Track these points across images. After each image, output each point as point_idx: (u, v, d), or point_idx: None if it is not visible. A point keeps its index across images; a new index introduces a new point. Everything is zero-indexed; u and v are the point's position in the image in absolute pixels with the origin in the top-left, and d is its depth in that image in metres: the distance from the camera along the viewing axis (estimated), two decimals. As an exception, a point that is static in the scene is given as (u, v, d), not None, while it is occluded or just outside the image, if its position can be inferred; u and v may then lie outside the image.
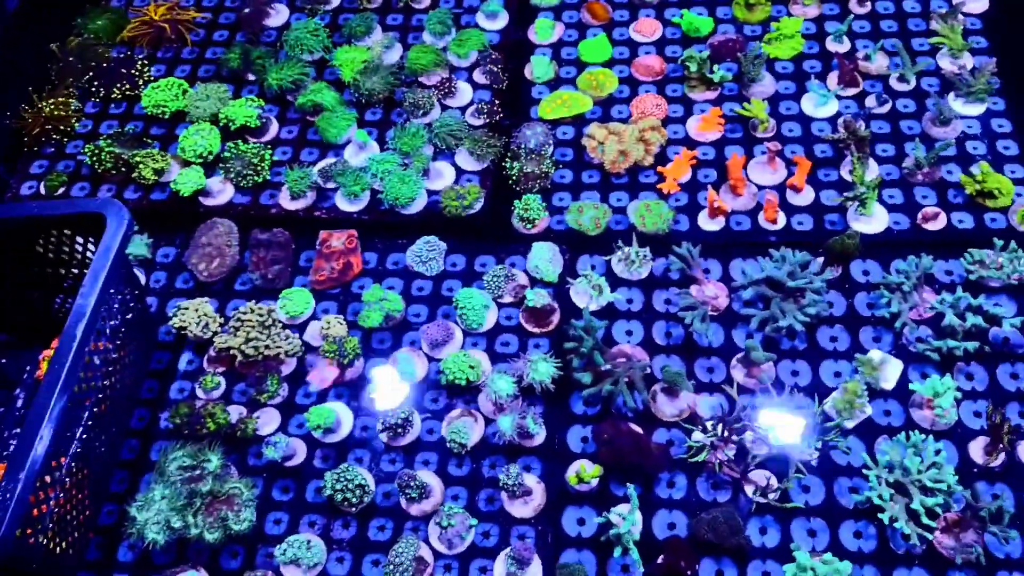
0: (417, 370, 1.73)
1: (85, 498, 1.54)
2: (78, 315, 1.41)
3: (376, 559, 1.55)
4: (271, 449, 1.60)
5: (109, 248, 1.49)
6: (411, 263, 1.87)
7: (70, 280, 1.75)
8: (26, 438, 1.27)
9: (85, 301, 1.42)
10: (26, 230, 1.69)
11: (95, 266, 1.46)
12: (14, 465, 1.25)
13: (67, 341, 1.38)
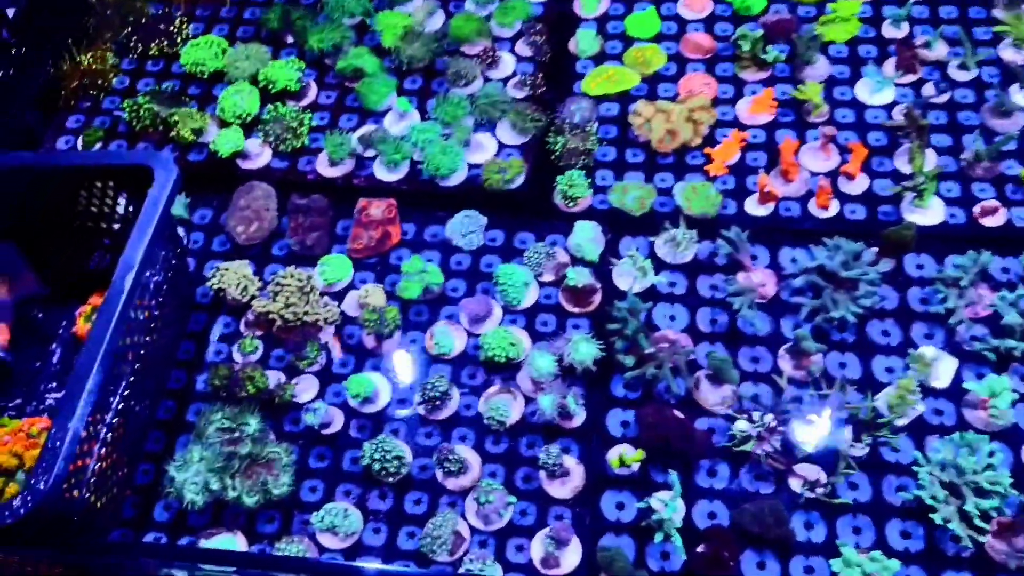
0: (455, 344, 1.71)
1: (123, 455, 1.53)
2: (126, 267, 1.39)
3: (412, 531, 1.54)
4: (310, 415, 1.59)
5: (157, 201, 1.46)
6: (450, 236, 1.84)
7: (109, 237, 1.73)
8: (74, 389, 1.26)
9: (133, 254, 1.40)
10: (68, 181, 1.67)
11: (143, 219, 1.44)
12: (63, 416, 1.24)
13: (114, 294, 1.36)
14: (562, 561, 1.48)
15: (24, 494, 1.17)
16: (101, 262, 1.78)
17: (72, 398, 1.24)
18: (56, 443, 1.21)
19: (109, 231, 1.74)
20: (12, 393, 1.69)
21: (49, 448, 1.21)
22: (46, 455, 1.20)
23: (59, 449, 1.21)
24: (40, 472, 1.19)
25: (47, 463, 1.20)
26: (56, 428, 1.22)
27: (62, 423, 1.22)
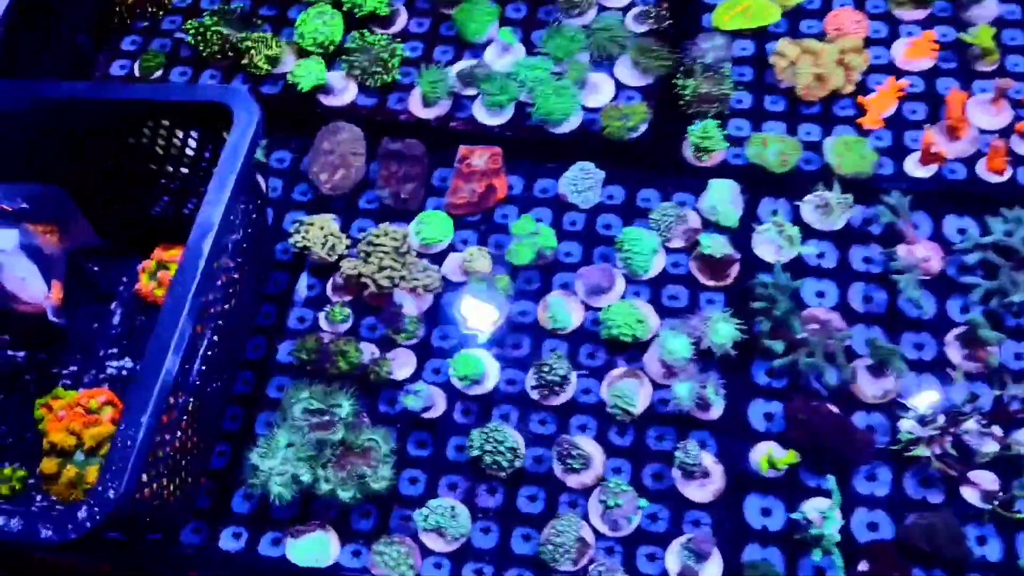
0: (572, 318, 1.49)
1: (198, 437, 1.34)
2: (204, 227, 1.17)
3: (527, 533, 1.35)
4: (410, 398, 1.38)
5: (238, 149, 1.24)
6: (564, 192, 1.61)
7: (177, 182, 1.51)
8: (147, 377, 1.06)
9: (212, 211, 1.18)
10: (128, 117, 1.45)
11: (223, 169, 1.21)
12: (134, 408, 1.04)
13: (192, 258, 1.15)
14: (701, 575, 1.29)
15: (90, 503, 0.98)
16: (165, 210, 1.56)
17: (145, 388, 1.04)
18: (126, 441, 1.01)
19: (175, 175, 1.52)
20: (67, 359, 1.50)
21: (119, 447, 1.01)
22: (116, 456, 1.00)
23: (130, 449, 1.01)
24: (109, 477, 0.99)
25: (117, 466, 1.00)
26: (126, 423, 1.02)
27: (133, 417, 1.02)
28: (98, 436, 1.37)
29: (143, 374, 1.05)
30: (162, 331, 1.08)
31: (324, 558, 1.32)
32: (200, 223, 1.16)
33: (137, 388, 1.04)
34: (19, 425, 1.44)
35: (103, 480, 0.98)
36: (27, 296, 1.34)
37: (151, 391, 1.04)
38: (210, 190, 1.19)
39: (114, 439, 1.01)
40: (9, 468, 1.39)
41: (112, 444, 1.00)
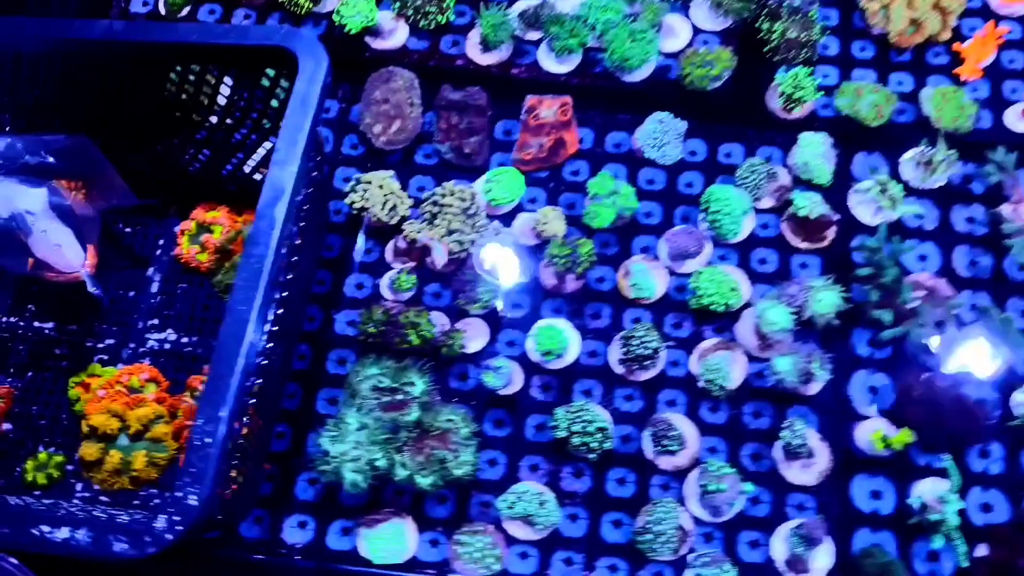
0: (656, 286, 1.37)
1: (261, 420, 1.22)
2: (276, 191, 1.03)
3: (617, 519, 1.25)
4: (490, 376, 1.27)
5: (308, 101, 1.09)
6: (641, 146, 1.47)
7: (220, 132, 1.35)
8: (224, 364, 0.92)
9: (283, 172, 1.03)
10: (166, 61, 1.28)
11: (292, 125, 1.07)
12: (210, 401, 0.91)
13: (265, 228, 1.01)
14: (811, 564, 1.20)
15: (168, 511, 0.85)
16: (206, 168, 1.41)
17: (221, 378, 0.91)
18: (205, 438, 0.88)
19: (215, 127, 1.36)
20: (102, 332, 1.36)
21: (198, 446, 0.88)
22: (195, 457, 0.87)
23: (211, 448, 0.88)
24: (189, 480, 0.87)
25: (197, 468, 0.87)
26: (203, 417, 0.89)
27: (211, 411, 0.89)
28: (143, 418, 1.24)
29: (219, 361, 0.91)
30: (237, 312, 0.94)
31: (401, 550, 1.21)
32: (272, 186, 1.01)
33: (214, 378, 0.91)
34: (52, 405, 1.31)
35: (182, 484, 0.86)
36: (63, 264, 1.19)
37: (228, 381, 0.91)
38: (279, 148, 1.04)
39: (191, 437, 0.88)
40: (44, 453, 1.26)
41: (189, 444, 0.88)
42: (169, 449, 1.25)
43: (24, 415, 1.30)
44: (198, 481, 0.86)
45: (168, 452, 1.24)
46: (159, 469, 1.24)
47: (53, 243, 1.17)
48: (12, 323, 1.36)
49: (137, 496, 1.24)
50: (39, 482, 1.23)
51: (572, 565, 1.22)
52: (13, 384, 1.32)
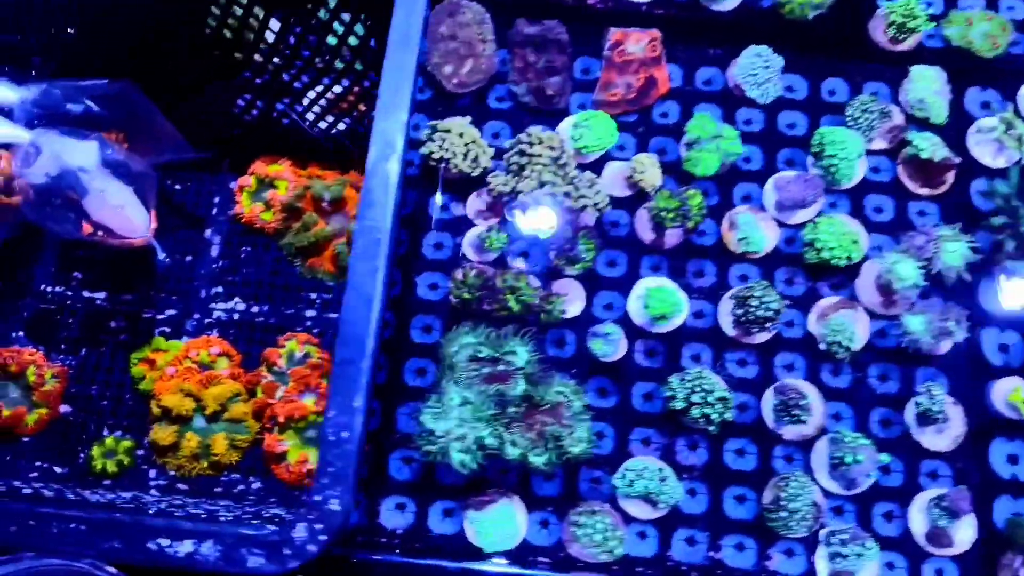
0: (766, 239, 1.26)
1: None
2: (386, 144, 0.89)
3: (740, 494, 1.16)
4: (599, 343, 1.16)
5: (410, 38, 0.94)
6: (740, 84, 1.34)
7: (267, 73, 1.20)
8: (352, 346, 0.80)
9: (392, 123, 0.90)
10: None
11: (394, 64, 0.92)
12: (343, 387, 0.79)
13: (379, 187, 0.87)
14: (954, 537, 1.13)
15: (308, 519, 0.74)
16: (264, 117, 1.26)
17: (351, 363, 0.79)
18: (341, 434, 0.77)
19: (265, 66, 1.22)
20: (162, 301, 1.22)
21: (334, 442, 0.76)
22: (332, 456, 0.76)
23: (349, 445, 0.77)
24: (328, 483, 0.75)
25: (336, 469, 0.76)
26: (336, 408, 0.78)
27: (344, 401, 0.78)
28: (220, 397, 1.13)
29: (345, 344, 0.79)
30: (361, 287, 0.82)
31: (513, 534, 1.12)
32: (381, 138, 0.88)
33: (342, 364, 0.79)
34: (113, 384, 1.18)
35: (321, 487, 0.75)
36: (127, 228, 1.05)
37: (360, 365, 0.79)
38: (384, 94, 0.90)
39: (323, 432, 0.77)
40: (111, 438, 1.14)
41: (322, 440, 0.76)
42: (250, 430, 1.13)
43: (82, 396, 1.18)
44: (339, 482, 0.75)
45: (249, 434, 1.13)
46: (240, 452, 1.13)
47: (114, 204, 1.03)
48: (58, 293, 1.23)
49: (218, 482, 1.13)
50: (109, 470, 1.11)
51: (695, 544, 1.14)
52: (66, 362, 1.19)
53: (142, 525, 0.74)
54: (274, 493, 1.12)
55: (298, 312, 1.21)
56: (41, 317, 1.22)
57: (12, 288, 1.22)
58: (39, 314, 1.22)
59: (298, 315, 1.21)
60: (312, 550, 0.73)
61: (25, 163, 1.08)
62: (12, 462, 1.14)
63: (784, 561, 1.13)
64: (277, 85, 1.23)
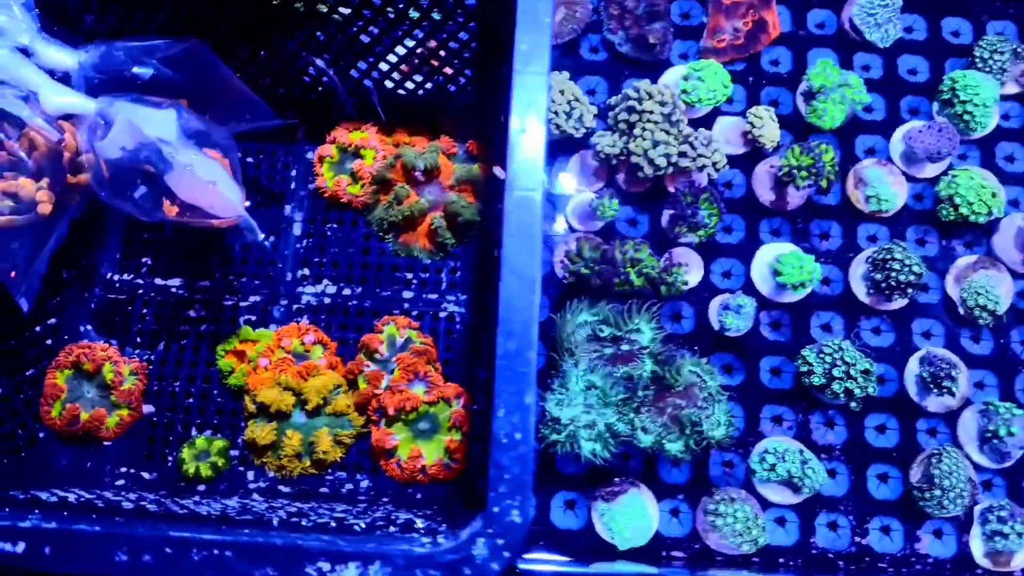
0: (896, 195, 1.16)
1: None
2: (529, 102, 0.78)
3: (883, 472, 1.08)
4: (731, 317, 1.06)
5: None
6: (856, 24, 1.23)
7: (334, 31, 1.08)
8: (519, 337, 0.69)
9: (534, 76, 0.78)
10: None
11: (529, 7, 0.80)
12: (512, 381, 0.68)
13: (529, 152, 0.76)
14: (1116, 511, 1.05)
15: (487, 533, 0.65)
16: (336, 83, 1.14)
17: (519, 356, 0.68)
18: (515, 435, 0.67)
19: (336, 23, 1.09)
20: (244, 286, 1.11)
21: (506, 447, 0.67)
22: (507, 461, 0.66)
23: (523, 448, 0.67)
24: (505, 493, 0.66)
25: (512, 475, 0.66)
26: (504, 407, 0.67)
27: (514, 397, 0.68)
28: (323, 390, 1.03)
29: (509, 334, 0.69)
30: (519, 268, 0.71)
31: (646, 527, 1.03)
32: (526, 94, 0.77)
33: (508, 356, 0.69)
34: (198, 379, 1.08)
35: (497, 496, 0.65)
36: (220, 207, 0.94)
37: (527, 356, 0.69)
38: (521, 42, 0.78)
39: (493, 434, 0.67)
40: (202, 438, 1.04)
41: (493, 444, 0.67)
42: (355, 425, 1.04)
43: (166, 393, 1.08)
44: (517, 490, 0.66)
45: (354, 428, 1.04)
46: (344, 448, 1.03)
47: (205, 181, 0.91)
48: (128, 282, 1.12)
49: (323, 482, 1.03)
50: (203, 474, 1.02)
51: (839, 529, 1.06)
52: (143, 356, 1.09)
53: (295, 547, 0.65)
54: (385, 492, 1.03)
55: (394, 294, 1.11)
56: (111, 308, 1.11)
57: (76, 277, 1.11)
58: (108, 305, 1.11)
59: (394, 297, 1.11)
60: (495, 569, 0.64)
61: (93, 136, 0.96)
62: (94, 469, 1.05)
63: (933, 543, 1.06)
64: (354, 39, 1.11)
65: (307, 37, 1.09)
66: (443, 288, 1.13)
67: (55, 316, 1.09)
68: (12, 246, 0.94)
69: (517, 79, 0.78)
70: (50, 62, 0.99)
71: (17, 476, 1.01)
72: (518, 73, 0.78)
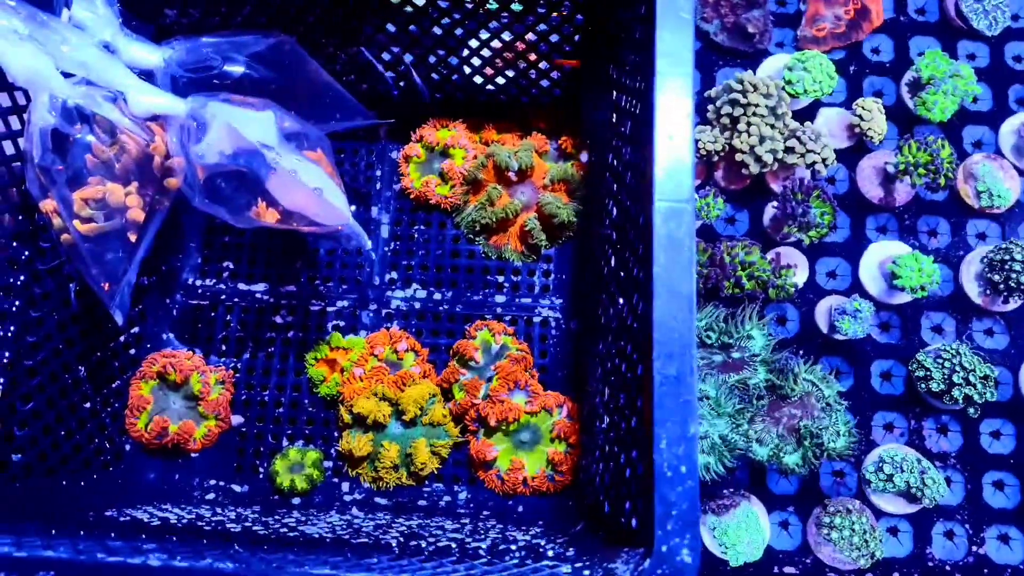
0: (1010, 191, 1.11)
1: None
2: (676, 106, 0.72)
3: (999, 479, 1.04)
4: (848, 322, 1.01)
5: None
6: (963, 10, 1.17)
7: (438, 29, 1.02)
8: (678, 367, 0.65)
9: (679, 72, 0.73)
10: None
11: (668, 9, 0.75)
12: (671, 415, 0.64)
13: (679, 156, 0.71)
14: None
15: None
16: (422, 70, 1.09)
17: (679, 382, 0.63)
18: (681, 468, 0.63)
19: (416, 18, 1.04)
20: (331, 292, 1.06)
21: (671, 481, 0.62)
22: (673, 496, 0.62)
23: (690, 481, 0.63)
24: (675, 531, 0.61)
25: (679, 512, 0.62)
26: (667, 436, 0.63)
27: (677, 428, 0.63)
28: (420, 400, 0.98)
29: (668, 357, 0.65)
30: (674, 285, 0.67)
31: (759, 540, 0.99)
32: (669, 95, 0.71)
33: (668, 383, 0.64)
34: (287, 388, 1.04)
35: (665, 535, 0.61)
36: (326, 215, 0.89)
37: (689, 382, 0.65)
38: (663, 39, 0.73)
39: (656, 468, 0.63)
40: (295, 450, 1.00)
41: (658, 478, 0.62)
42: (452, 435, 1.00)
43: (254, 402, 1.04)
44: (687, 527, 0.62)
45: (451, 439, 1.00)
46: (441, 459, 1.00)
47: (311, 187, 0.87)
48: (210, 287, 1.07)
49: (421, 494, 1.00)
50: (299, 487, 0.98)
51: (955, 538, 1.02)
52: (229, 365, 1.05)
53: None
54: (484, 505, 1.00)
55: (485, 297, 1.07)
56: (193, 315, 1.07)
57: (156, 283, 1.07)
58: (191, 311, 1.07)
59: (485, 301, 1.07)
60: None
61: (186, 138, 0.92)
62: (183, 482, 1.01)
63: (1053, 554, 1.02)
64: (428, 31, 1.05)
65: (399, 31, 1.03)
66: (536, 292, 1.08)
67: (137, 325, 1.05)
68: (106, 257, 0.89)
69: (660, 82, 0.72)
70: (133, 60, 0.94)
71: (106, 492, 0.98)
72: (661, 75, 0.72)
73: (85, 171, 0.91)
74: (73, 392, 0.96)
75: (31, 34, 0.85)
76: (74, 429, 0.95)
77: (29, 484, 0.90)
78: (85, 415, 0.97)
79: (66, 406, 0.95)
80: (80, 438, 0.96)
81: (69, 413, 0.95)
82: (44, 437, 0.92)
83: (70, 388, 0.95)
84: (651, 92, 0.72)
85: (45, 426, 0.92)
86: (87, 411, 0.98)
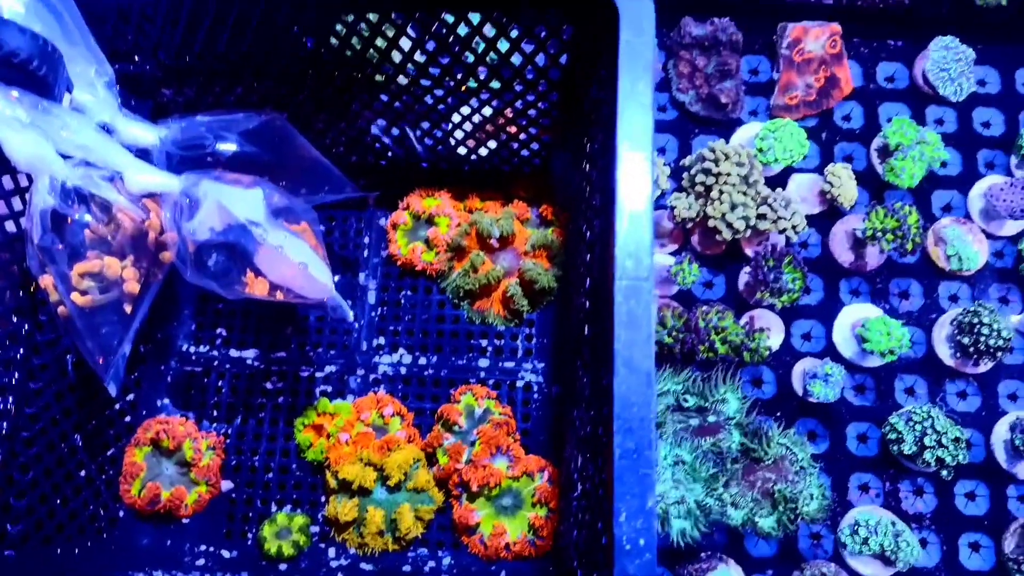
0: (978, 254, 1.14)
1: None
2: (637, 184, 0.76)
3: (974, 541, 1.05)
4: (819, 386, 1.04)
5: (639, 56, 0.81)
6: (929, 79, 1.21)
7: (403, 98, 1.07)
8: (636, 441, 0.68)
9: (639, 154, 0.77)
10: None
11: (629, 89, 0.77)
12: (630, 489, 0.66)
13: (637, 235, 0.74)
14: None
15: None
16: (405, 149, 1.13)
17: (637, 455, 0.67)
18: (639, 540, 0.65)
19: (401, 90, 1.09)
20: (320, 357, 1.10)
21: (630, 554, 0.65)
22: (634, 571, 0.65)
23: (648, 554, 0.65)
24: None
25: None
26: (626, 510, 0.66)
27: (635, 501, 0.66)
28: (404, 465, 1.01)
29: (627, 432, 0.68)
30: (633, 361, 0.70)
31: (737, 602, 1.01)
32: (631, 175, 0.75)
33: (627, 456, 0.67)
34: (276, 454, 1.07)
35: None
36: (310, 289, 0.93)
37: (647, 455, 0.67)
38: (624, 125, 0.77)
39: (616, 541, 0.66)
40: (282, 515, 1.03)
41: (617, 551, 0.65)
42: (435, 500, 1.02)
43: (244, 467, 1.07)
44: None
45: (435, 504, 1.02)
46: (425, 524, 1.02)
47: (296, 262, 0.91)
48: (203, 354, 1.11)
49: (406, 559, 1.02)
50: (285, 553, 1.00)
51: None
52: (220, 430, 1.08)
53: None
54: (467, 570, 1.02)
55: (469, 362, 1.10)
56: (187, 380, 1.10)
57: (152, 350, 1.11)
58: (184, 377, 1.10)
59: (469, 365, 1.10)
60: None
61: (179, 215, 0.96)
62: (174, 547, 1.04)
63: (1030, 615, 1.03)
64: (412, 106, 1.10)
65: (384, 107, 1.08)
66: (519, 356, 1.11)
67: (132, 392, 1.09)
68: (101, 330, 0.93)
69: (621, 163, 0.77)
70: (131, 139, 0.99)
71: (100, 558, 1.00)
72: (621, 157, 0.77)
73: (83, 247, 0.96)
74: (69, 460, 0.99)
75: (33, 121, 0.90)
76: (70, 497, 0.99)
77: (25, 552, 0.93)
78: (81, 483, 1.00)
79: (62, 475, 0.98)
80: (75, 506, 0.99)
81: (65, 482, 0.98)
82: (40, 506, 0.95)
83: (66, 457, 0.99)
84: (613, 170, 0.76)
85: (42, 495, 0.95)
86: (83, 479, 1.01)
